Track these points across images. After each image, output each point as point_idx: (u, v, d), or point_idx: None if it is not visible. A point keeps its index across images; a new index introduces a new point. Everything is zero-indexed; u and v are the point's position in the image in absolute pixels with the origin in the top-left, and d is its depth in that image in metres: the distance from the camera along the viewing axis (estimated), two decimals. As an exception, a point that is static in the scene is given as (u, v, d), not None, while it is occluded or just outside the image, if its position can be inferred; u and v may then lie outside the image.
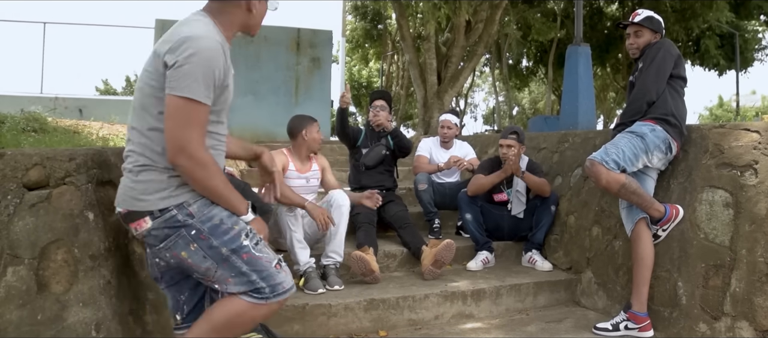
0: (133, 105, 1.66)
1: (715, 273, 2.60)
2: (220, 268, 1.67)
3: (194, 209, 1.64)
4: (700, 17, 13.01)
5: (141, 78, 1.65)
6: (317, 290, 2.99)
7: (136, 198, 1.63)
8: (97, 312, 1.80)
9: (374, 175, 4.08)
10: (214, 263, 1.66)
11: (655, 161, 2.80)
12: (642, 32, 2.94)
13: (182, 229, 1.63)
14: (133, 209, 1.64)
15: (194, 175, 1.60)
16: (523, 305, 3.29)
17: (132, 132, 1.65)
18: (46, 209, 1.81)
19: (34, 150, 1.91)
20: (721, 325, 2.53)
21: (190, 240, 1.64)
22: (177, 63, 1.52)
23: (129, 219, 1.66)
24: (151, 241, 1.66)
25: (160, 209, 1.62)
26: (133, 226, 1.65)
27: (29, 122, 5.04)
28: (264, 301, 1.70)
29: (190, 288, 1.84)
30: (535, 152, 4.39)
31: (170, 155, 1.56)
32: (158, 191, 1.62)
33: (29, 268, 1.74)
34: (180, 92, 1.52)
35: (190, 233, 1.64)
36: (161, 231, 1.63)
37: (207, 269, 1.67)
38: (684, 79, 2.87)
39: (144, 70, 1.64)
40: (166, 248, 1.65)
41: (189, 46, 1.53)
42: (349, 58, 24.32)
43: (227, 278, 1.68)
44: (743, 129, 2.66)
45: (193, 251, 1.65)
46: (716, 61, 16.31)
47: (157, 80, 1.58)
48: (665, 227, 2.80)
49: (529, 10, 15.08)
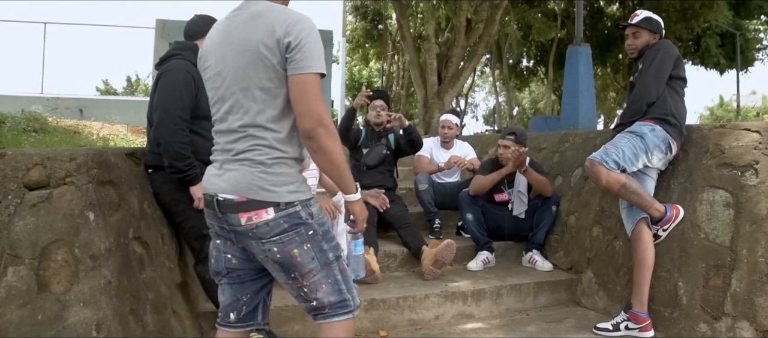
0: (235, 101, 1.64)
1: (715, 273, 2.60)
2: (321, 272, 1.66)
3: (314, 210, 1.66)
4: (700, 17, 13.01)
5: (244, 71, 1.61)
6: None
7: (263, 188, 1.60)
8: (97, 312, 1.80)
9: (375, 175, 4.07)
10: (318, 266, 1.65)
11: (655, 161, 2.80)
12: (640, 33, 2.95)
13: (301, 227, 1.62)
14: (256, 198, 1.60)
15: (328, 145, 1.59)
16: (523, 305, 3.29)
17: (251, 129, 1.62)
18: (47, 209, 1.81)
19: (34, 150, 1.91)
20: (721, 325, 2.53)
21: (305, 240, 1.63)
22: (300, 42, 1.56)
23: (244, 208, 1.61)
24: (262, 232, 1.62)
25: (286, 202, 1.61)
26: (249, 215, 1.60)
27: (30, 122, 5.05)
28: (350, 315, 1.70)
29: (253, 291, 1.81)
30: (536, 152, 4.38)
31: (308, 127, 1.56)
32: (288, 184, 1.62)
33: (30, 268, 1.74)
34: (310, 69, 1.56)
35: (308, 233, 1.63)
36: (280, 225, 1.61)
37: (309, 271, 1.65)
38: (684, 79, 2.87)
39: (248, 64, 1.60)
40: (280, 242, 1.62)
41: (304, 25, 1.57)
42: (350, 59, 24.34)
43: (322, 284, 1.67)
44: (744, 129, 2.66)
45: (304, 251, 1.64)
46: (717, 61, 16.32)
47: (277, 67, 1.59)
48: (666, 227, 2.80)
49: (530, 10, 15.09)
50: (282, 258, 1.64)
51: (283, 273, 1.68)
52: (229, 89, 1.65)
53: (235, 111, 1.64)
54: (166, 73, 2.36)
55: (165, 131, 2.25)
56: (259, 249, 1.64)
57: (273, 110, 1.62)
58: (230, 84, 1.64)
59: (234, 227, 1.64)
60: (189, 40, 2.54)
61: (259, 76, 1.59)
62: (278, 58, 1.57)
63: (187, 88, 2.33)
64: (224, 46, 1.66)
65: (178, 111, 2.28)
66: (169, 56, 2.46)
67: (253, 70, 1.59)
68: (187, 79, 2.34)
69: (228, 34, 1.66)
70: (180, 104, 2.30)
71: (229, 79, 1.64)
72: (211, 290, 2.50)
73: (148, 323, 2.06)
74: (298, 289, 1.69)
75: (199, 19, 2.60)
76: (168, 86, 2.32)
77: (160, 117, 2.27)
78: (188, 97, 2.33)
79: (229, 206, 1.62)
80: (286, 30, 1.55)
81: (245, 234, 1.63)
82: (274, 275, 1.73)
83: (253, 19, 1.61)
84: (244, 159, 1.62)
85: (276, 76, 1.59)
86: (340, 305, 1.69)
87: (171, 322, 2.26)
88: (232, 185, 1.62)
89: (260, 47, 1.57)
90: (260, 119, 1.61)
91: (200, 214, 2.39)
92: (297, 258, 1.63)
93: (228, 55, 1.65)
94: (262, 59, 1.58)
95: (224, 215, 1.64)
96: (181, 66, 2.37)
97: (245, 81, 1.61)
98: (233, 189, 1.61)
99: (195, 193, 2.35)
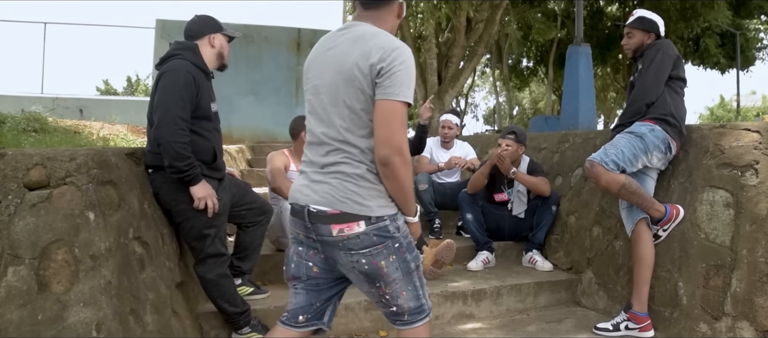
0: (327, 116, 1.71)
1: (715, 273, 2.60)
2: (403, 281, 1.74)
3: (400, 224, 1.72)
4: (700, 17, 13.00)
5: (336, 89, 1.69)
6: None
7: (356, 202, 1.65)
8: (97, 312, 1.80)
9: None
10: (401, 275, 1.72)
11: (655, 161, 2.80)
12: (633, 33, 2.97)
13: (389, 240, 1.68)
14: (349, 211, 1.65)
15: (401, 173, 1.65)
16: (523, 305, 3.29)
17: (342, 144, 1.69)
18: (47, 209, 1.81)
19: (34, 150, 1.92)
20: (721, 325, 2.53)
21: (392, 252, 1.69)
22: (392, 69, 1.60)
23: (337, 220, 1.66)
24: (352, 244, 1.67)
25: (377, 217, 1.67)
26: (341, 227, 1.66)
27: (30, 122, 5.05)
28: (427, 318, 1.81)
29: (327, 297, 1.87)
30: (536, 152, 4.38)
31: (385, 155, 1.61)
32: (376, 198, 1.68)
33: (30, 268, 1.74)
34: (398, 97, 1.61)
35: (394, 246, 1.69)
36: (369, 238, 1.66)
37: (393, 279, 1.72)
38: (683, 80, 2.87)
39: (341, 83, 1.67)
40: (369, 254, 1.68)
41: (399, 54, 1.62)
42: (350, 58, 24.34)
43: (403, 291, 1.75)
44: (744, 129, 2.66)
45: (390, 263, 1.70)
46: (717, 61, 16.31)
47: (366, 89, 1.65)
48: (666, 227, 2.80)
49: (530, 10, 15.08)
50: (369, 270, 1.70)
51: (366, 283, 1.74)
52: (322, 104, 1.72)
53: (326, 125, 1.71)
54: (166, 74, 2.35)
55: (165, 130, 2.24)
56: (347, 260, 1.70)
57: (362, 129, 1.68)
58: (324, 99, 1.72)
59: (323, 237, 1.69)
60: (189, 41, 2.54)
61: (350, 97, 1.66)
62: (368, 82, 1.63)
63: (188, 88, 2.33)
64: (324, 64, 1.74)
65: (179, 111, 2.28)
66: (169, 56, 2.45)
67: (344, 90, 1.66)
68: (188, 80, 2.34)
69: (329, 52, 1.74)
70: (180, 103, 2.29)
71: (324, 94, 1.72)
72: (211, 290, 2.50)
73: (148, 323, 2.06)
74: (380, 296, 1.76)
75: (199, 20, 2.59)
76: (168, 86, 2.31)
77: (160, 117, 2.27)
78: (188, 97, 2.33)
79: (320, 218, 1.67)
80: (381, 56, 1.61)
81: (334, 245, 1.68)
82: (357, 284, 1.78)
83: (354, 41, 1.68)
84: (335, 172, 1.68)
85: (365, 98, 1.65)
86: (418, 310, 1.78)
87: (171, 322, 2.26)
88: (324, 198, 1.67)
89: (354, 69, 1.64)
90: (350, 135, 1.68)
91: (200, 214, 2.40)
92: (383, 269, 1.70)
93: (325, 72, 1.72)
94: (354, 81, 1.64)
95: (314, 226, 1.69)
96: (181, 66, 2.37)
97: (337, 99, 1.68)
98: (326, 201, 1.67)
99: (195, 193, 2.34)
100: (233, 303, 2.52)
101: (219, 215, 2.45)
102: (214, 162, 2.49)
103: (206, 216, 2.39)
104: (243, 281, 2.89)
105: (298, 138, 3.47)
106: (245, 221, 2.84)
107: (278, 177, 3.23)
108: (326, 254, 1.74)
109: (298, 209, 1.73)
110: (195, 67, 2.42)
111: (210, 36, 2.55)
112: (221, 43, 2.58)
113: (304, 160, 1.80)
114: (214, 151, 2.49)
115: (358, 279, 1.75)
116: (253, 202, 2.86)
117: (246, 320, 2.55)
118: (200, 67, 2.46)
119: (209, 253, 2.46)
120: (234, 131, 8.66)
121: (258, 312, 2.69)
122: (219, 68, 2.64)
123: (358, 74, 1.64)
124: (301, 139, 3.45)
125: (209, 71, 2.55)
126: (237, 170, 5.27)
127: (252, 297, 2.85)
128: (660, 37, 2.94)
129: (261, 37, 9.52)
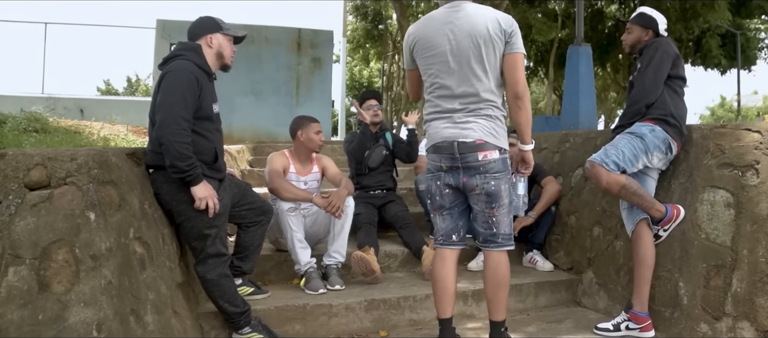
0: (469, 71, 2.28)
1: (716, 274, 2.59)
2: (506, 208, 2.35)
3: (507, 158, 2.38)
4: (700, 17, 12.99)
5: (476, 50, 2.26)
6: (318, 290, 2.99)
7: (495, 136, 2.29)
8: (98, 312, 1.80)
9: (375, 175, 4.06)
10: (507, 203, 2.34)
11: (656, 161, 2.80)
12: (632, 29, 2.97)
13: (507, 170, 2.34)
14: (490, 142, 2.27)
15: (527, 104, 2.32)
16: (524, 305, 3.29)
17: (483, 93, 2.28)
18: (48, 209, 1.81)
19: (35, 150, 1.92)
20: (722, 325, 2.53)
21: (507, 181, 2.33)
22: (515, 31, 2.28)
23: (480, 148, 2.26)
24: (489, 168, 2.27)
25: (502, 149, 2.32)
26: (483, 153, 2.26)
27: (30, 122, 5.06)
28: (512, 246, 2.41)
29: (465, 218, 2.47)
30: (537, 152, 4.38)
31: (520, 91, 2.29)
32: (504, 136, 2.34)
33: (30, 268, 1.74)
34: (520, 50, 2.29)
35: (507, 175, 2.34)
36: (498, 165, 2.29)
37: (502, 204, 2.33)
38: (683, 78, 2.86)
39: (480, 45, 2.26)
40: (497, 178, 2.29)
41: (514, 21, 2.31)
42: (350, 59, 24.34)
43: (504, 217, 2.36)
44: (745, 129, 2.66)
45: (504, 188, 2.32)
46: (718, 61, 16.29)
47: (500, 47, 2.27)
48: (666, 227, 2.80)
49: (530, 10, 15.10)
50: (494, 190, 2.29)
51: (485, 203, 2.32)
52: (459, 64, 2.28)
53: (467, 80, 2.28)
54: (169, 74, 2.35)
55: (167, 130, 2.24)
56: (481, 181, 2.29)
57: (495, 81, 2.30)
58: (461, 60, 2.27)
59: (469, 162, 2.28)
60: (192, 41, 2.54)
61: (488, 54, 2.26)
62: (502, 42, 2.26)
63: (191, 88, 2.33)
64: (451, 33, 2.29)
65: (181, 111, 2.28)
66: (172, 57, 2.45)
67: (484, 50, 2.25)
68: (190, 80, 2.34)
69: (452, 24, 2.29)
70: (183, 104, 2.30)
71: (461, 56, 2.27)
72: (211, 290, 2.50)
73: (148, 323, 2.06)
74: (488, 217, 2.34)
75: (198, 20, 2.60)
76: (171, 86, 2.32)
77: (162, 117, 2.27)
78: (191, 97, 2.33)
79: (469, 147, 2.27)
80: (506, 22, 2.27)
81: (476, 168, 2.28)
82: (476, 204, 2.35)
83: (476, 14, 2.28)
84: (482, 115, 2.29)
85: (497, 55, 2.27)
86: (508, 237, 2.39)
87: (172, 322, 2.26)
88: (473, 133, 2.27)
89: (491, 33, 2.23)
90: (487, 86, 2.28)
91: (201, 214, 2.40)
92: (502, 192, 2.31)
93: (458, 38, 2.27)
94: (493, 42, 2.24)
95: (462, 155, 2.28)
96: (184, 67, 2.37)
97: (477, 58, 2.26)
98: (475, 135, 2.27)
99: (196, 193, 2.34)
100: (234, 303, 2.52)
101: (219, 215, 2.45)
102: (215, 163, 2.49)
103: (207, 216, 2.39)
104: (243, 281, 2.89)
105: (295, 139, 3.46)
106: (246, 222, 2.84)
107: (275, 179, 3.22)
108: (466, 177, 2.30)
109: (445, 144, 2.31)
110: (197, 68, 2.42)
111: (208, 36, 2.54)
112: (220, 43, 2.56)
113: (438, 110, 2.35)
114: (215, 151, 2.49)
115: (479, 198, 2.32)
116: (254, 202, 2.86)
117: (246, 320, 2.55)
118: (203, 67, 2.46)
119: (210, 253, 2.46)
120: (234, 131, 8.66)
121: (258, 311, 2.69)
122: (221, 68, 2.63)
123: (495, 37, 2.24)
124: (298, 139, 3.45)
125: (212, 72, 2.55)
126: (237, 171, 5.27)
127: (252, 297, 2.85)
128: (659, 34, 2.92)
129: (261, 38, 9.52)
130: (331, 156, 4.30)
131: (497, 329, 2.44)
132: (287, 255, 3.30)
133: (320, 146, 3.49)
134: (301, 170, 3.48)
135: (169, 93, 2.30)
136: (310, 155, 3.55)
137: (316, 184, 3.57)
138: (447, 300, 2.44)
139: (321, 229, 3.43)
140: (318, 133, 3.45)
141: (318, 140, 3.45)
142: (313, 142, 3.44)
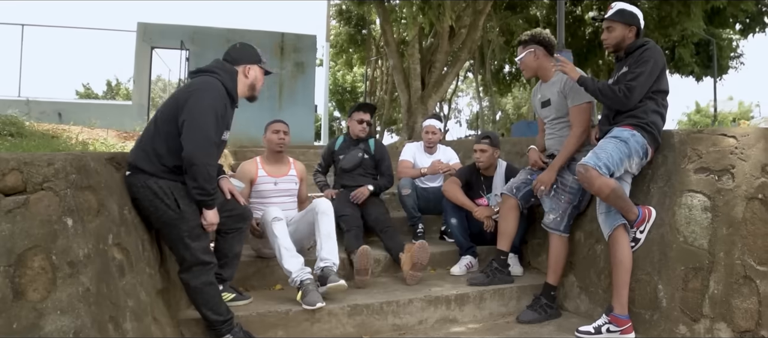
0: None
1: (694, 276, 2.64)
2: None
3: None
4: (677, 25, 13.25)
5: None
6: (315, 305, 2.79)
7: None
8: (75, 320, 1.76)
9: (355, 177, 4.09)
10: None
11: (634, 165, 2.84)
12: (613, 27, 2.92)
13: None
14: None
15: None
16: (506, 309, 3.31)
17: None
18: (24, 215, 1.77)
19: (10, 155, 1.87)
20: (700, 327, 2.57)
21: None
22: None
23: None
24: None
25: None
26: None
27: (6, 126, 4.95)
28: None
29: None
30: (519, 156, 4.42)
31: None
32: None
33: (5, 275, 1.70)
34: None
35: None
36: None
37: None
38: (665, 91, 2.88)
39: None
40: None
41: None
42: (334, 64, 24.29)
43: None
44: (721, 134, 2.72)
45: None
46: (691, 69, 16.63)
47: None
48: (641, 228, 2.84)
49: (512, 16, 15.24)
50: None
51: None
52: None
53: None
54: (206, 92, 2.38)
55: (202, 153, 2.29)
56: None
57: None
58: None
59: None
60: (230, 64, 2.58)
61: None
62: None
63: (221, 112, 2.39)
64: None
65: (214, 135, 2.35)
66: (208, 71, 2.49)
67: None
68: (223, 104, 2.41)
69: None
70: (215, 127, 2.36)
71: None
72: (195, 297, 2.47)
73: (127, 330, 2.02)
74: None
75: (241, 47, 2.67)
76: (208, 107, 2.34)
77: (197, 138, 2.29)
78: (221, 122, 2.40)
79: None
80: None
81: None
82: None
83: None
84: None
85: None
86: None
87: (151, 329, 2.23)
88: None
89: None
90: None
91: (181, 222, 2.37)
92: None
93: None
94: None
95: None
96: (218, 87, 2.42)
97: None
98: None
99: (209, 217, 2.43)
100: (217, 311, 2.49)
101: (197, 226, 2.46)
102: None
103: (187, 224, 2.38)
104: (224, 287, 2.85)
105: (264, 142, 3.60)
106: (225, 228, 2.80)
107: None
108: None
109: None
110: (226, 92, 2.47)
111: (247, 66, 2.61)
112: (256, 75, 2.64)
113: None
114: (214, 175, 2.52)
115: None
116: (234, 209, 2.83)
117: (228, 328, 2.52)
118: (231, 93, 2.51)
119: (194, 261, 2.44)
120: (216, 135, 8.55)
121: (240, 318, 2.66)
122: (248, 99, 2.69)
123: None
124: (264, 141, 3.61)
125: (236, 99, 2.59)
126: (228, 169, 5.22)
127: (234, 303, 2.82)
128: (640, 30, 2.92)
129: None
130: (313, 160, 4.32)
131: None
132: (269, 261, 3.27)
133: (279, 144, 3.55)
134: (272, 171, 3.57)
135: (204, 114, 2.33)
136: (280, 157, 3.63)
137: (293, 185, 3.64)
138: None
139: (303, 236, 3.41)
140: (276, 132, 3.54)
141: (276, 139, 3.54)
142: (272, 141, 3.54)
